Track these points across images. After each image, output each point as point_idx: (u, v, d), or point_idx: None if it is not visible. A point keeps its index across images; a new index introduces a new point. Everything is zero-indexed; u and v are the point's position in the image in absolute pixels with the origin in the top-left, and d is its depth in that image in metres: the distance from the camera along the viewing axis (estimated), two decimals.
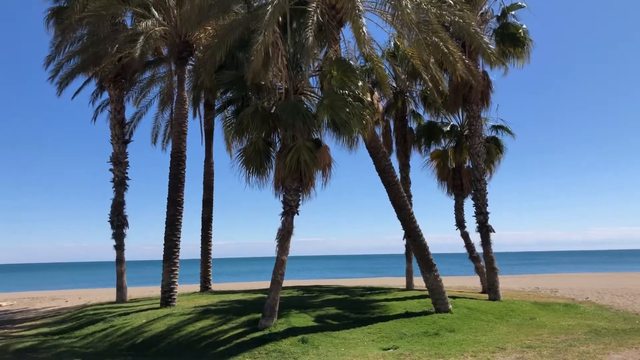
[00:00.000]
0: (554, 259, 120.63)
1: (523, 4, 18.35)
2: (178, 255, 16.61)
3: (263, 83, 13.54)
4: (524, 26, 18.21)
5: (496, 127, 21.04)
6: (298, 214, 12.78)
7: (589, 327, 12.59)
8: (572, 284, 27.14)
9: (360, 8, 11.45)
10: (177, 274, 16.44)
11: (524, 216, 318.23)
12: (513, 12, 18.31)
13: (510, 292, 20.51)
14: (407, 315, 13.37)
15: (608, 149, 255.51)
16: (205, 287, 21.73)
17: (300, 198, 12.83)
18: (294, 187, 12.62)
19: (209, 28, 16.98)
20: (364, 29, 11.59)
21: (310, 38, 11.43)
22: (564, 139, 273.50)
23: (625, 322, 13.40)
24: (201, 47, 17.73)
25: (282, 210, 12.73)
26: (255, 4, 13.92)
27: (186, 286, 24.04)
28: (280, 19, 12.38)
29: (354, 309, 14.15)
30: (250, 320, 12.45)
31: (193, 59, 18.38)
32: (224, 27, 14.52)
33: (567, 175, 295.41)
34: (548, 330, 12.10)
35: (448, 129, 21.53)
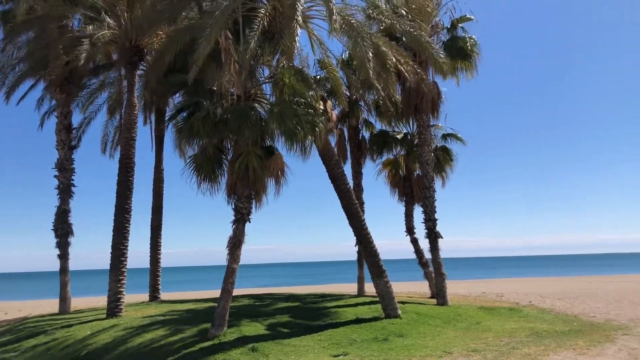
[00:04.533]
0: (502, 264, 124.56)
1: (471, 16, 18.92)
2: (125, 264, 16.16)
3: (215, 89, 13.49)
4: (473, 38, 18.82)
5: (446, 136, 21.67)
6: (250, 222, 12.73)
7: (531, 329, 13.08)
8: (516, 288, 28.11)
9: (299, 17, 11.45)
10: (124, 283, 15.98)
11: (479, 222, 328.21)
12: (462, 25, 18.89)
13: (458, 296, 21.05)
14: (358, 321, 13.51)
15: (561, 158, 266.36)
16: (154, 297, 21.20)
17: (252, 206, 12.80)
18: (245, 194, 12.56)
19: (161, 33, 16.71)
20: (297, 39, 11.51)
21: (252, 43, 11.43)
22: (515, 144, 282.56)
23: (564, 324, 14.01)
24: (152, 52, 17.44)
25: (234, 218, 12.64)
26: (207, 9, 13.83)
27: (135, 296, 23.38)
28: (232, 24, 12.37)
29: (306, 317, 14.17)
30: (200, 330, 12.25)
31: (144, 64, 18.03)
32: (175, 30, 14.39)
33: (514, 183, 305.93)
34: (493, 334, 12.49)
35: (400, 137, 21.99)
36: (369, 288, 18.70)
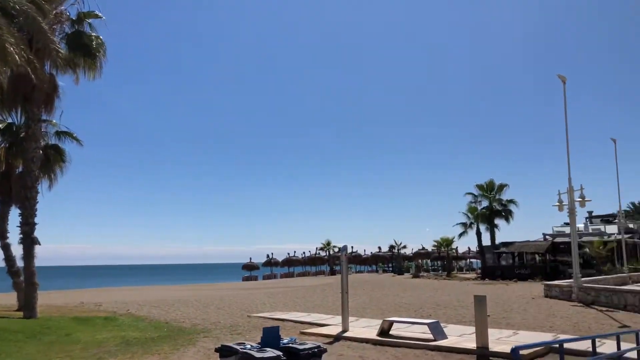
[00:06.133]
0: (113, 272, 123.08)
1: (100, 14, 18.23)
2: None
3: None
4: (101, 38, 18.15)
5: (60, 134, 20.21)
6: None
7: (122, 338, 13.17)
8: (119, 297, 28.06)
9: None
10: None
11: (88, 229, 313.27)
12: (89, 21, 18.01)
13: (53, 307, 19.54)
14: None
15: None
16: None
17: None
18: None
19: None
20: None
21: None
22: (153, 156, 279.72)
23: (155, 331, 14.65)
24: None
25: None
26: None
27: None
28: None
29: None
30: None
31: None
32: None
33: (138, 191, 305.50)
34: (81, 346, 12.01)
35: (3, 127, 19.47)
36: None
